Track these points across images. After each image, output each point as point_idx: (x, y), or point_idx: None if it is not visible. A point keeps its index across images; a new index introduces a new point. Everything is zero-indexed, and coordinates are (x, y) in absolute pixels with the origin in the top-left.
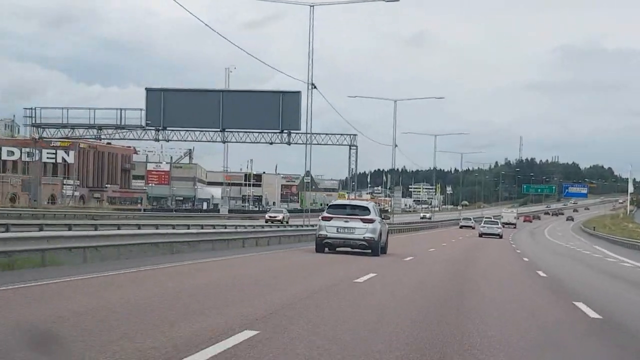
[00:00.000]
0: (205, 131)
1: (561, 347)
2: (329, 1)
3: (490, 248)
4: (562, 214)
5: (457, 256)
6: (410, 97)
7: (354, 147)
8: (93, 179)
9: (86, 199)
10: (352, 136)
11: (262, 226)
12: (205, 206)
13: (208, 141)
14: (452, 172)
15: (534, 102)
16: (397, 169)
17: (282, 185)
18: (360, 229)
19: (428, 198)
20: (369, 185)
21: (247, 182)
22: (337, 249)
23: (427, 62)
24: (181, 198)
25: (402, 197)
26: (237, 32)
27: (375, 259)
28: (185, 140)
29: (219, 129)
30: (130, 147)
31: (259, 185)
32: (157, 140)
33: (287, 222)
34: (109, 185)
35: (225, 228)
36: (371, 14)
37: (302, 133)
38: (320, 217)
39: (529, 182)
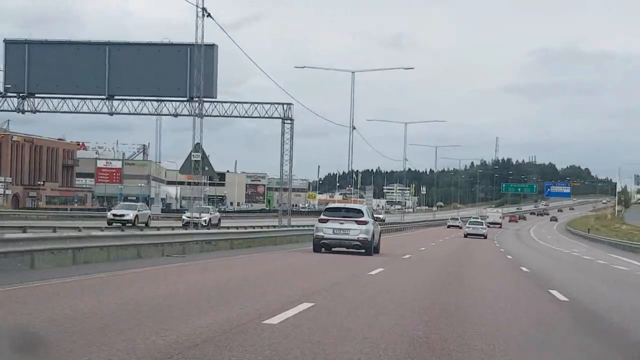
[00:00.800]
0: (87, 99)
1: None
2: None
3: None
4: (548, 214)
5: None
6: (370, 71)
7: (289, 121)
8: (29, 176)
9: (20, 198)
10: (286, 106)
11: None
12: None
13: (90, 112)
14: (427, 173)
15: (510, 104)
16: (372, 170)
17: (247, 184)
18: (354, 230)
19: (402, 199)
20: (338, 186)
21: (211, 182)
22: (332, 249)
23: (404, 63)
24: (134, 198)
25: (377, 198)
26: (218, 33)
27: (377, 257)
28: (59, 112)
29: (104, 96)
30: (74, 142)
31: (223, 185)
32: (20, 111)
33: (210, 224)
34: (41, 183)
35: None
36: (349, 14)
37: (217, 102)
38: (317, 220)
39: (507, 182)
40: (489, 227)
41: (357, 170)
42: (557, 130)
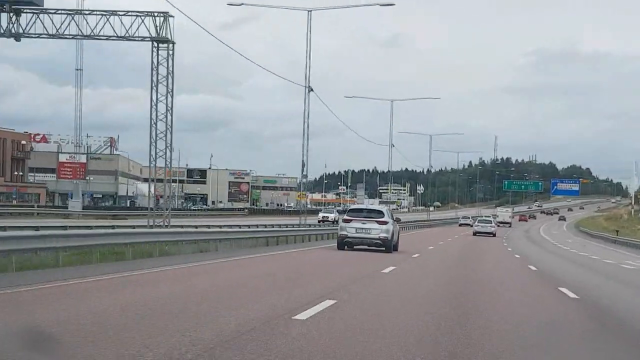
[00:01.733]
0: None
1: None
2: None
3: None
4: (558, 212)
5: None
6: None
7: (164, 42)
8: None
9: None
10: (159, 18)
11: None
12: (131, 204)
13: None
14: (425, 172)
15: (508, 105)
16: (368, 170)
17: (229, 182)
18: (375, 230)
19: (398, 199)
20: (324, 184)
21: (190, 179)
22: (354, 247)
23: (401, 64)
24: (100, 195)
25: (372, 197)
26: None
27: (396, 254)
28: None
29: None
30: (27, 132)
31: (204, 182)
32: None
33: None
34: None
35: None
36: (347, 16)
37: (42, 11)
38: (341, 220)
39: (509, 179)
40: (498, 226)
41: (353, 170)
42: (555, 130)
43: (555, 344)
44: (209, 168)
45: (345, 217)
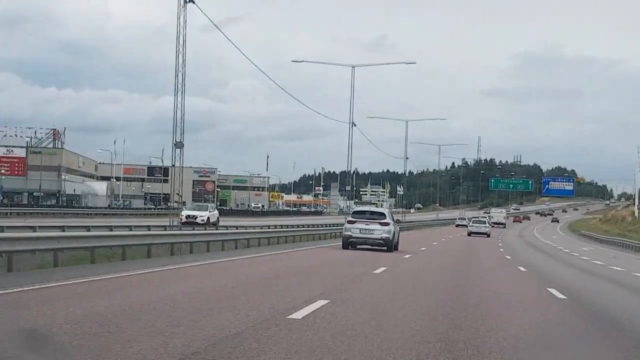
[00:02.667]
0: None
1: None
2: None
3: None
4: (552, 214)
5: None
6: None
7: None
8: None
9: None
10: None
11: None
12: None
13: None
14: (407, 174)
15: (492, 108)
16: (350, 171)
17: (193, 181)
18: (378, 231)
19: (378, 200)
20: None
21: (150, 177)
22: (358, 246)
23: (385, 67)
24: (41, 194)
25: (351, 199)
26: (195, 35)
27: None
28: None
29: None
30: None
31: (166, 181)
32: None
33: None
34: None
35: None
36: (330, 19)
37: None
38: (346, 221)
39: (496, 178)
40: (493, 226)
41: (334, 172)
42: (538, 134)
43: None
44: (172, 165)
45: (350, 218)
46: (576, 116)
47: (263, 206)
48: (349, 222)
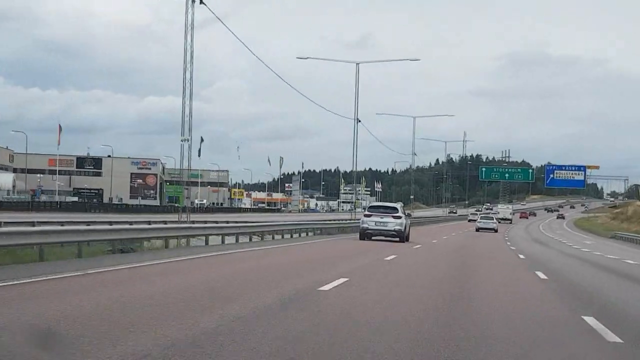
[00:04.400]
0: None
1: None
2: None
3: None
4: (558, 210)
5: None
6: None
7: None
8: None
9: None
10: None
11: None
12: None
13: None
14: (389, 173)
15: (478, 108)
16: (330, 170)
17: (132, 174)
18: (391, 223)
19: (357, 199)
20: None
21: (80, 169)
22: (373, 237)
23: (369, 66)
24: None
25: (331, 198)
26: (178, 34)
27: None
28: None
29: None
30: None
31: (99, 175)
32: None
33: None
34: None
35: None
36: (314, 19)
37: None
38: (362, 215)
39: (483, 175)
40: (499, 222)
41: (314, 170)
42: (524, 133)
43: None
44: (108, 156)
45: (366, 212)
46: (562, 116)
47: (211, 203)
48: (366, 215)
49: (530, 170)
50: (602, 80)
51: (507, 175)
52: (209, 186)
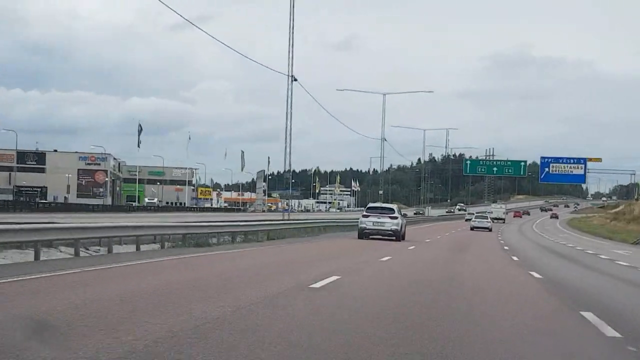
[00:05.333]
0: None
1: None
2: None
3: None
4: (551, 209)
5: None
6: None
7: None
8: None
9: None
10: None
11: None
12: None
13: None
14: (370, 172)
15: (463, 109)
16: (309, 169)
17: (79, 170)
18: (388, 223)
19: (334, 199)
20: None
21: (21, 165)
22: (371, 236)
23: (355, 68)
24: None
25: (309, 197)
26: (163, 34)
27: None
28: None
29: None
30: None
31: (42, 171)
32: None
33: None
34: None
35: None
36: (298, 20)
37: None
38: (361, 215)
39: (474, 160)
40: (493, 222)
41: (294, 170)
42: (509, 134)
43: None
44: (55, 151)
45: (365, 213)
46: (547, 117)
47: (160, 201)
48: (364, 216)
49: (522, 164)
50: (588, 82)
51: (495, 169)
52: (172, 184)
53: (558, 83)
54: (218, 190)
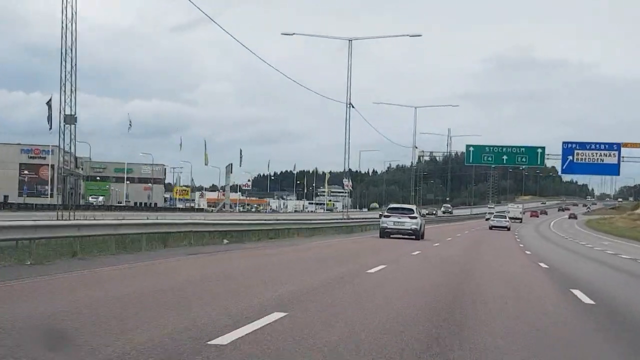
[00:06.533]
0: None
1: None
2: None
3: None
4: (569, 209)
5: None
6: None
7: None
8: None
9: None
10: None
11: None
12: None
13: None
14: (370, 173)
15: (465, 111)
16: (308, 170)
17: (21, 164)
18: (408, 223)
19: (329, 200)
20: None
21: None
22: (391, 235)
23: (356, 70)
24: None
25: (301, 198)
26: (164, 36)
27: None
28: None
29: None
30: None
31: None
32: None
33: None
34: None
35: None
36: (299, 23)
37: None
38: (382, 215)
39: (478, 146)
40: (510, 221)
41: (290, 171)
42: (512, 137)
43: None
44: None
45: (386, 213)
46: (549, 119)
47: (125, 201)
48: (385, 216)
49: (540, 150)
50: (590, 84)
51: (505, 157)
52: (140, 182)
53: (559, 85)
54: (201, 191)
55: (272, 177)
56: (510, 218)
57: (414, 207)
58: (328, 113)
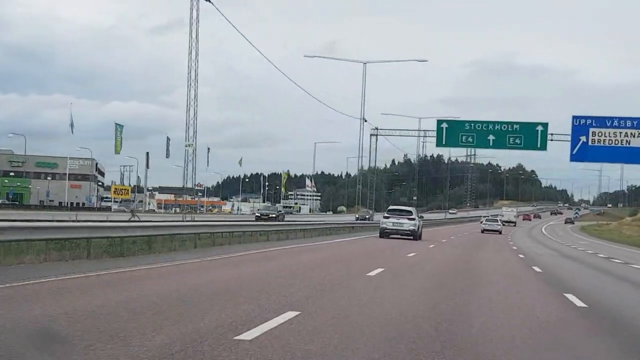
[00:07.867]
0: None
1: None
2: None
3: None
4: (561, 213)
5: None
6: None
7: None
8: None
9: None
10: None
11: None
12: None
13: None
14: (343, 177)
15: (446, 116)
16: (278, 173)
17: None
18: (406, 224)
19: (295, 203)
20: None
21: None
22: (391, 236)
23: (335, 73)
24: None
25: (278, 201)
26: (144, 38)
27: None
28: None
29: None
30: None
31: None
32: None
33: None
34: None
35: None
36: (278, 26)
37: None
38: (382, 216)
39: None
40: (503, 225)
41: (261, 173)
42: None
43: None
44: None
45: (385, 214)
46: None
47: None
48: (385, 217)
49: (540, 128)
50: (572, 89)
51: (491, 138)
52: (63, 179)
53: (542, 91)
54: (151, 191)
55: (248, 180)
56: (504, 222)
57: (412, 209)
58: (298, 117)
